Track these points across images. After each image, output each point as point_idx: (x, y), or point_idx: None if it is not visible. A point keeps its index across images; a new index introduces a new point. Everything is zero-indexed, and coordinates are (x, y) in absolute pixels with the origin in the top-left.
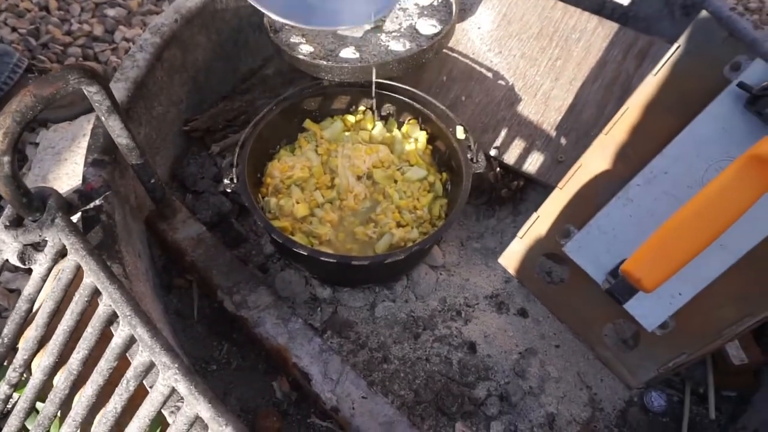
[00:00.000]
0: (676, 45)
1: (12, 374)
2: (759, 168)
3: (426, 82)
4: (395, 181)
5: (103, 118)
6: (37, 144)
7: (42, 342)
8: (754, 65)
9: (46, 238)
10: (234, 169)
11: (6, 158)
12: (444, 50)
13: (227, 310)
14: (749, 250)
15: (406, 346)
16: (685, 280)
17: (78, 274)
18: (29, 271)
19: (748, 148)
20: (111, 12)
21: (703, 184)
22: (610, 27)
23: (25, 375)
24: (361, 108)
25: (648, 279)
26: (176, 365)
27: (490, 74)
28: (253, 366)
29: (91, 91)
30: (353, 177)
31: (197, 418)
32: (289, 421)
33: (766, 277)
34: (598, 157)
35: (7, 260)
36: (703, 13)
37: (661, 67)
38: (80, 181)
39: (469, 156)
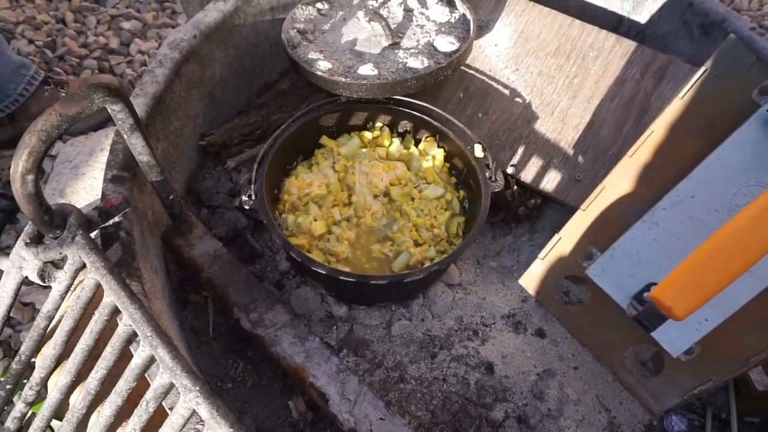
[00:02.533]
0: (703, 68)
1: (29, 392)
2: None
3: (443, 98)
4: (412, 199)
5: (125, 136)
6: (52, 156)
7: (59, 360)
8: None
9: (66, 256)
10: (252, 186)
11: (30, 176)
12: (461, 67)
13: (243, 328)
14: None
15: (422, 366)
16: (713, 306)
17: (97, 292)
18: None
19: None
20: (126, 25)
21: (731, 208)
22: (628, 45)
23: (41, 393)
24: (378, 124)
25: (679, 307)
26: (197, 388)
27: (507, 91)
28: (269, 384)
29: (115, 110)
30: (370, 195)
31: None
32: None
33: None
34: (622, 180)
35: (26, 277)
36: (731, 36)
37: (688, 90)
38: (97, 196)
39: (487, 174)
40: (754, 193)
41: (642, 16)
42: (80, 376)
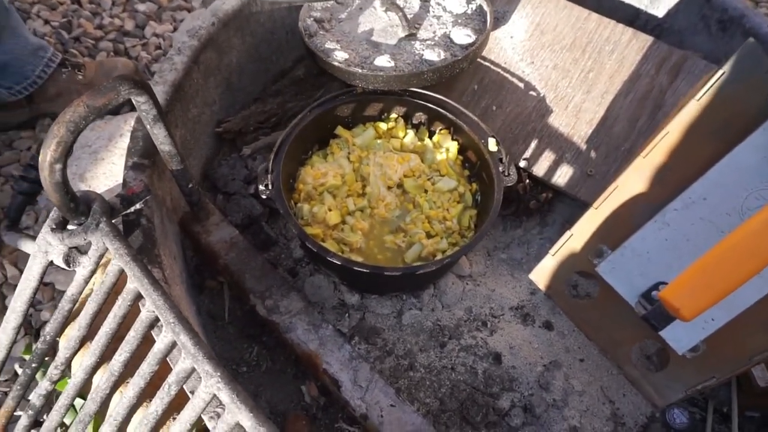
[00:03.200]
0: (721, 71)
1: (54, 371)
2: None
3: (457, 90)
4: (425, 191)
5: (148, 126)
6: None
7: (83, 341)
8: None
9: (91, 242)
10: (269, 176)
11: (58, 166)
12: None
13: (259, 314)
14: None
15: (432, 355)
16: (720, 306)
17: (120, 278)
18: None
19: None
20: (141, 7)
21: (743, 211)
22: (645, 40)
23: (65, 372)
24: (393, 116)
25: (687, 309)
26: (218, 374)
27: (521, 84)
28: (282, 369)
29: (140, 101)
30: (384, 186)
31: (237, 426)
32: (318, 425)
33: None
34: (635, 180)
35: (51, 261)
36: (750, 40)
37: (705, 92)
38: (116, 181)
39: (500, 169)
40: (766, 197)
41: (659, 10)
42: (103, 358)
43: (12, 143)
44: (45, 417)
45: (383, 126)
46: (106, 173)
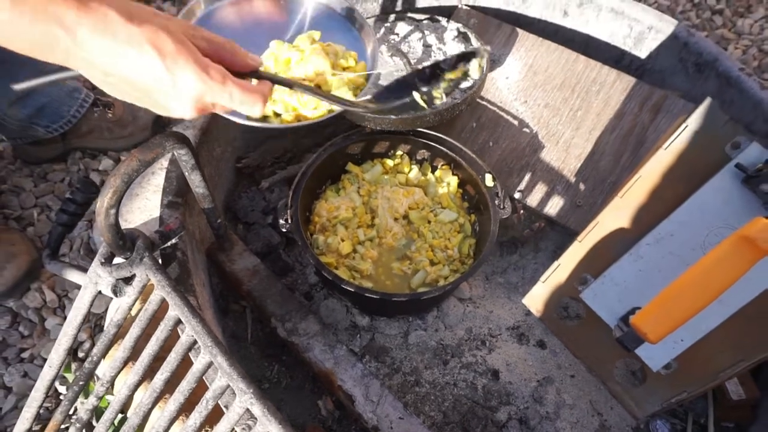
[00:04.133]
0: (684, 125)
1: (100, 388)
2: (747, 246)
3: (457, 127)
4: (429, 222)
5: (186, 173)
6: (99, 171)
7: (125, 362)
8: (751, 148)
9: (135, 274)
10: (288, 211)
11: (113, 211)
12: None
13: (279, 336)
14: (743, 306)
15: (436, 372)
16: (687, 328)
17: (161, 305)
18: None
19: (744, 219)
20: None
21: (705, 247)
22: (628, 81)
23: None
24: (399, 153)
25: (653, 333)
26: (251, 390)
27: (516, 122)
28: (301, 385)
29: (181, 153)
30: (391, 217)
31: None
32: None
33: (757, 329)
34: (613, 217)
35: (100, 291)
36: (708, 99)
37: (672, 142)
38: (150, 215)
39: (497, 202)
40: (723, 234)
41: (642, 52)
42: (144, 377)
43: (46, 175)
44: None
45: (390, 162)
46: (141, 208)
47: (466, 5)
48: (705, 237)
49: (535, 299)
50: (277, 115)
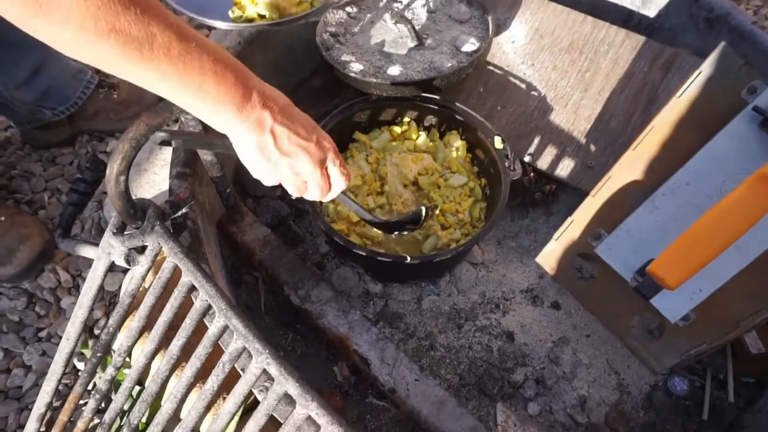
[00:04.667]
0: (698, 71)
1: (117, 358)
2: (767, 185)
3: (464, 93)
4: (438, 187)
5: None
6: (106, 153)
7: (141, 331)
8: None
9: (146, 243)
10: None
11: (122, 177)
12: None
13: (292, 304)
14: (762, 253)
15: (450, 336)
16: (705, 278)
17: (174, 274)
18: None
19: (761, 164)
20: None
21: (721, 194)
22: (637, 40)
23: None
24: (406, 119)
25: (671, 279)
26: (267, 351)
27: (523, 86)
28: (316, 353)
29: (188, 118)
30: (401, 184)
31: (285, 395)
32: (349, 401)
33: None
34: (626, 170)
35: (113, 262)
36: (722, 44)
37: (685, 90)
38: (159, 189)
39: (506, 164)
40: (740, 181)
41: (651, 11)
42: (161, 345)
43: (55, 159)
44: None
45: (397, 129)
46: (150, 182)
47: None
48: (722, 184)
49: (549, 257)
50: (262, 16)
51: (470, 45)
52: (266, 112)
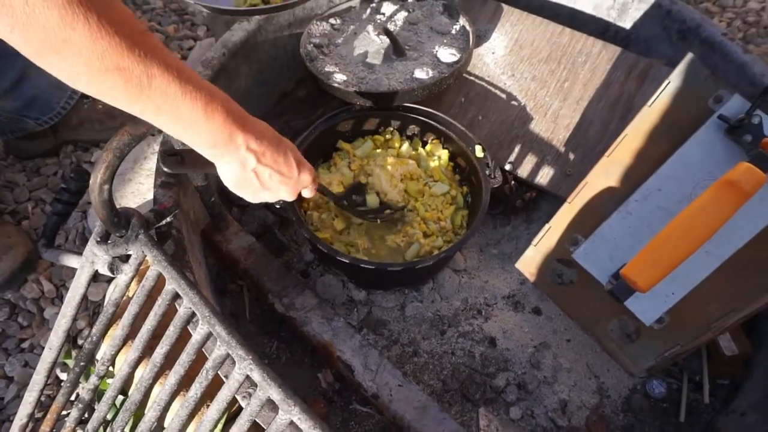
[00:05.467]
0: (666, 82)
1: (100, 367)
2: (732, 190)
3: (446, 103)
4: (422, 195)
5: (177, 148)
6: (91, 163)
7: (125, 340)
8: (733, 100)
9: (130, 252)
10: None
11: (106, 186)
12: (462, 75)
13: (277, 311)
14: (730, 256)
15: (433, 342)
16: (677, 281)
17: (158, 282)
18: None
19: (728, 169)
20: None
21: (691, 199)
22: (614, 50)
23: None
24: (389, 128)
25: (642, 281)
26: (250, 357)
27: (504, 96)
28: (300, 360)
29: None
30: (387, 183)
31: (268, 401)
32: (334, 407)
33: (745, 279)
34: (601, 176)
35: (97, 270)
36: (689, 55)
37: (655, 99)
38: (144, 199)
39: (487, 172)
40: (708, 186)
41: (627, 23)
42: (145, 353)
43: (39, 170)
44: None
45: (381, 138)
46: (134, 192)
47: None
48: (692, 189)
49: (528, 263)
50: (266, 1)
51: (451, 56)
52: (250, 155)
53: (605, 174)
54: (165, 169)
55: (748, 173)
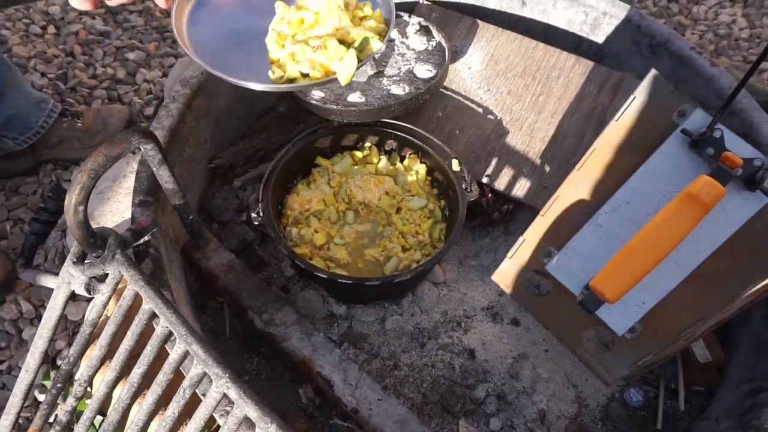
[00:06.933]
0: (632, 97)
1: (78, 388)
2: (692, 203)
3: (423, 118)
4: (399, 210)
5: (154, 168)
6: (71, 182)
7: (103, 360)
8: (695, 115)
9: (107, 272)
10: (260, 204)
11: (81, 207)
12: (439, 90)
13: (257, 328)
14: (697, 267)
15: (413, 355)
16: (648, 291)
17: (135, 301)
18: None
19: (691, 182)
20: (131, 55)
21: (659, 211)
22: (586, 65)
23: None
24: (367, 144)
25: (610, 293)
26: (227, 375)
27: (480, 110)
28: (281, 376)
29: (147, 148)
30: (368, 195)
31: (245, 419)
32: (314, 423)
33: (712, 288)
34: (572, 189)
35: (73, 291)
36: (652, 71)
37: (621, 114)
38: (123, 218)
39: (464, 186)
40: (673, 198)
41: (599, 37)
42: (122, 373)
43: (18, 189)
44: None
45: (359, 154)
46: (113, 211)
47: (426, 0)
48: (659, 201)
49: (504, 275)
50: (305, 75)
51: (427, 72)
52: None
53: (576, 187)
54: None
55: (707, 186)
